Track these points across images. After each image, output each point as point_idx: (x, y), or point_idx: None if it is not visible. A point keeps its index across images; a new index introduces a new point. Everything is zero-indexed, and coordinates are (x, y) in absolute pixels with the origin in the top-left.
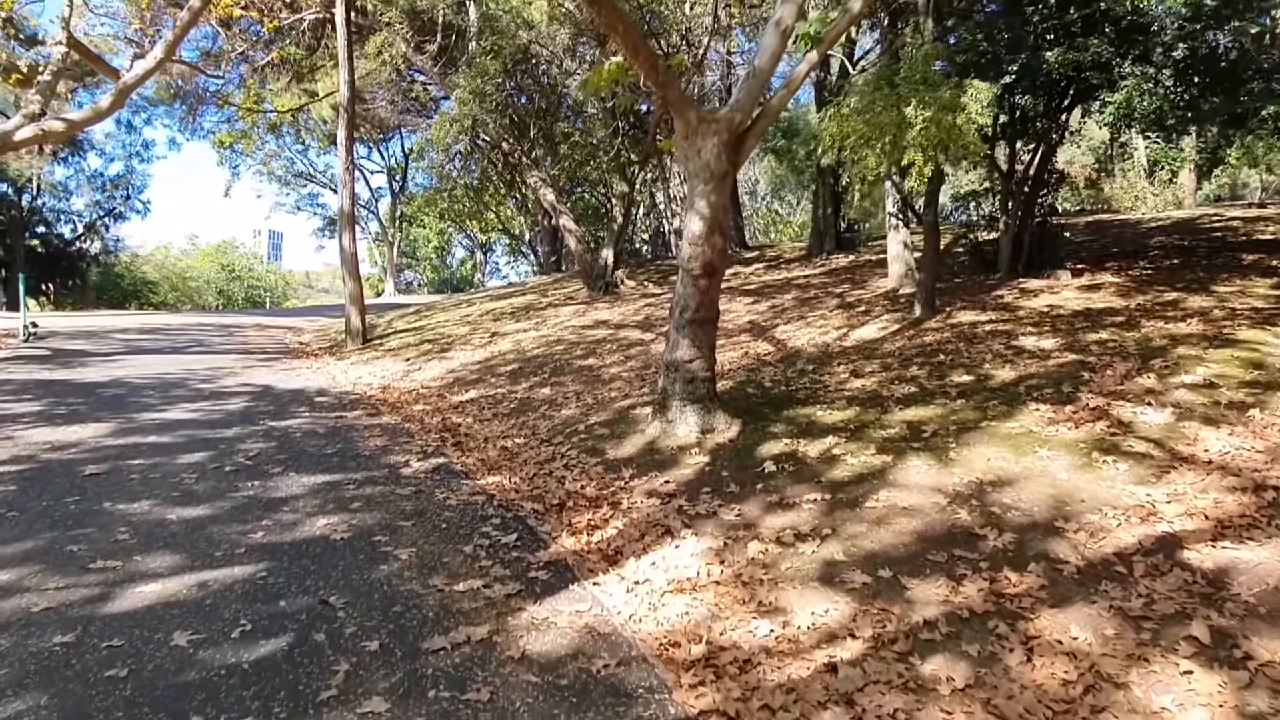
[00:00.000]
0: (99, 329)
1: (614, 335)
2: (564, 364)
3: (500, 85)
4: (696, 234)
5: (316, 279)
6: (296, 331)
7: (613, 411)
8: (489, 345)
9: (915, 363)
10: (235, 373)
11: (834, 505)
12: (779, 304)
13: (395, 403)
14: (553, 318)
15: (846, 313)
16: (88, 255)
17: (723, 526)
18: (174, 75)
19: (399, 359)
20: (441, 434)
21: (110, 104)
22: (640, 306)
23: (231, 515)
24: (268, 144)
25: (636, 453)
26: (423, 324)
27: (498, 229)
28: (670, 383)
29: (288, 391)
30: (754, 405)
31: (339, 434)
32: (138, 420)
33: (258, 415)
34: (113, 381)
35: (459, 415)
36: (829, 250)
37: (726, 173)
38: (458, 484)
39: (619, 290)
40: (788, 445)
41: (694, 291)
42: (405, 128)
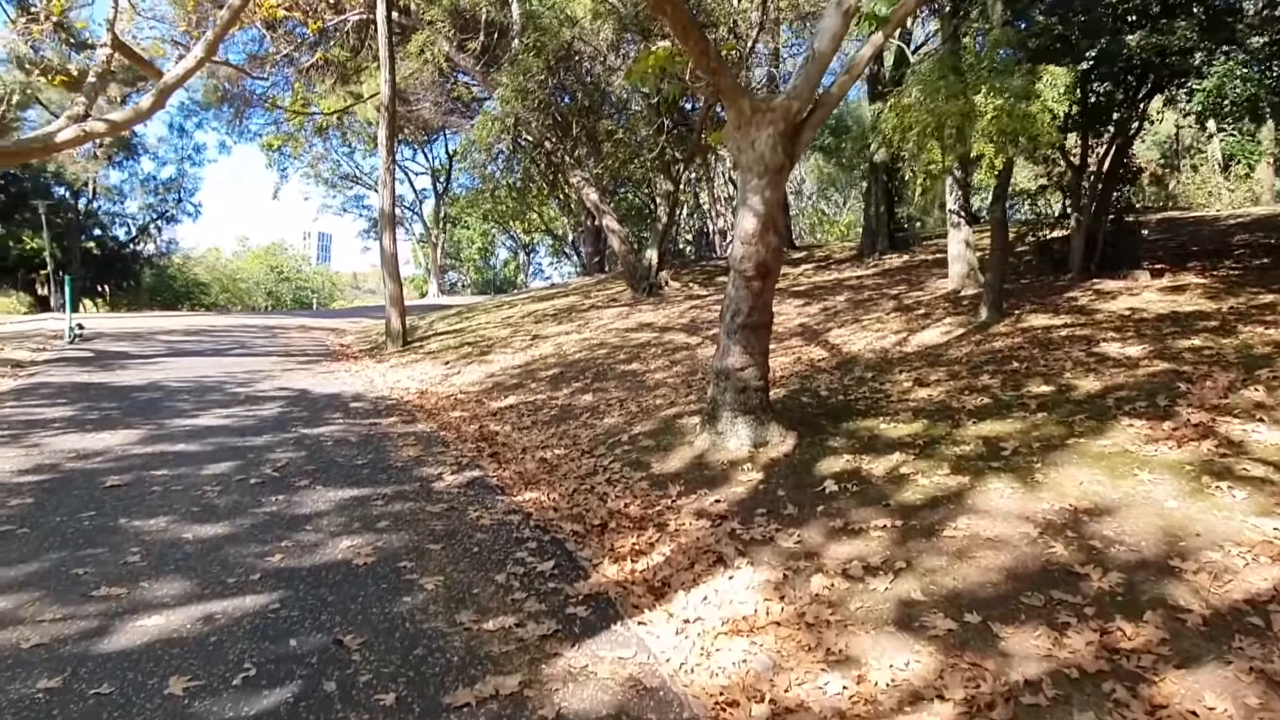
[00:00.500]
0: (145, 330)
1: (658, 339)
2: (607, 369)
3: (543, 82)
4: (749, 232)
5: (363, 280)
6: (339, 333)
7: (658, 420)
8: (530, 348)
9: (986, 371)
10: (273, 376)
11: (906, 533)
12: (831, 306)
13: (432, 409)
14: (595, 320)
15: (905, 316)
16: (141, 257)
17: (781, 555)
18: (221, 79)
19: (438, 362)
20: (478, 443)
21: (151, 104)
22: (685, 308)
23: (251, 534)
24: (315, 147)
25: (684, 467)
26: (464, 326)
27: (541, 230)
28: (720, 392)
29: (323, 396)
30: (810, 416)
31: (371, 443)
32: (168, 427)
33: (290, 422)
34: (149, 385)
35: (497, 423)
36: (882, 250)
37: (782, 166)
38: (492, 501)
39: (663, 292)
40: (849, 462)
41: (746, 294)
42: (449, 129)
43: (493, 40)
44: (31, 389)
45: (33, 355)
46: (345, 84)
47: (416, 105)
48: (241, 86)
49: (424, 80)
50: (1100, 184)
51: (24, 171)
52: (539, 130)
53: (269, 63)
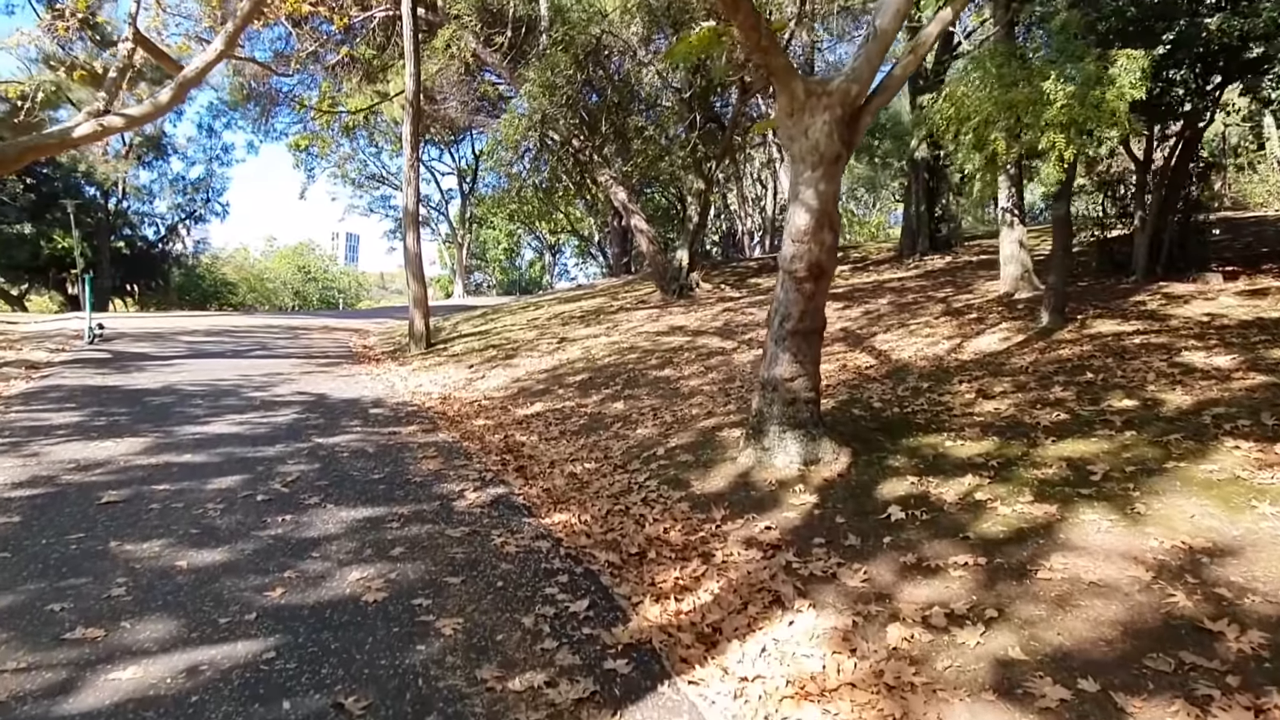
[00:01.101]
0: (167, 330)
1: (691, 343)
2: (638, 375)
3: (571, 78)
4: (802, 229)
5: (390, 280)
6: (362, 334)
7: (695, 433)
8: (557, 352)
9: (1057, 382)
10: (291, 379)
11: (993, 573)
12: (874, 310)
13: (455, 416)
14: (624, 322)
15: (955, 320)
16: (170, 257)
17: (848, 596)
18: (247, 76)
19: (462, 366)
20: (503, 455)
21: (170, 98)
22: (718, 311)
23: (251, 562)
24: (342, 147)
25: (727, 487)
26: (489, 327)
27: (567, 230)
28: (767, 404)
29: (341, 402)
30: (864, 431)
31: (390, 454)
32: (176, 435)
33: (306, 430)
34: (164, 389)
35: (523, 432)
36: (922, 251)
37: (839, 155)
38: (519, 523)
39: (694, 294)
40: (914, 484)
41: (797, 297)
42: (475, 128)
43: (520, 35)
44: (41, 392)
45: (50, 356)
46: (371, 82)
47: (442, 104)
48: (268, 85)
49: (450, 78)
50: (1167, 180)
51: (55, 171)
52: (566, 128)
53: (295, 61)
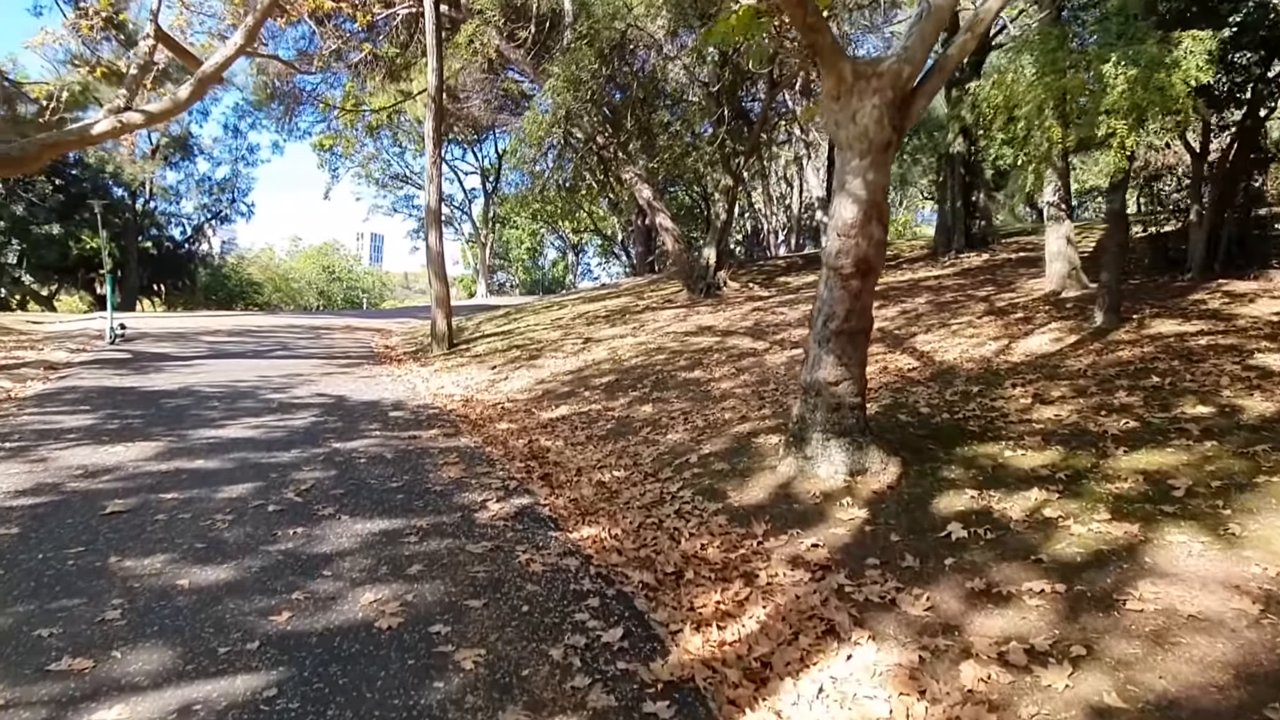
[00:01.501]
0: (190, 330)
1: (721, 343)
2: (666, 376)
3: (596, 73)
4: (848, 222)
5: (414, 280)
6: (384, 334)
7: (729, 438)
8: (582, 353)
9: (1120, 386)
10: (311, 380)
11: (1074, 602)
12: (911, 309)
13: (477, 419)
14: (651, 322)
15: (1000, 320)
16: (196, 256)
17: (910, 627)
18: (271, 75)
19: (485, 367)
20: (527, 462)
21: (190, 94)
22: (747, 311)
23: (257, 582)
24: (366, 146)
25: (768, 498)
26: (512, 328)
27: (590, 229)
28: (809, 409)
29: (361, 405)
30: (913, 439)
31: (409, 460)
32: (190, 439)
33: (323, 434)
34: (181, 390)
35: (548, 437)
36: (958, 248)
37: (889, 143)
38: (545, 537)
39: (721, 293)
40: (974, 499)
41: (842, 295)
42: (498, 127)
43: (543, 31)
44: (57, 394)
45: (70, 356)
46: (394, 81)
47: (465, 102)
48: (291, 84)
49: (473, 76)
50: (1224, 172)
51: (83, 172)
52: (590, 125)
53: (318, 59)
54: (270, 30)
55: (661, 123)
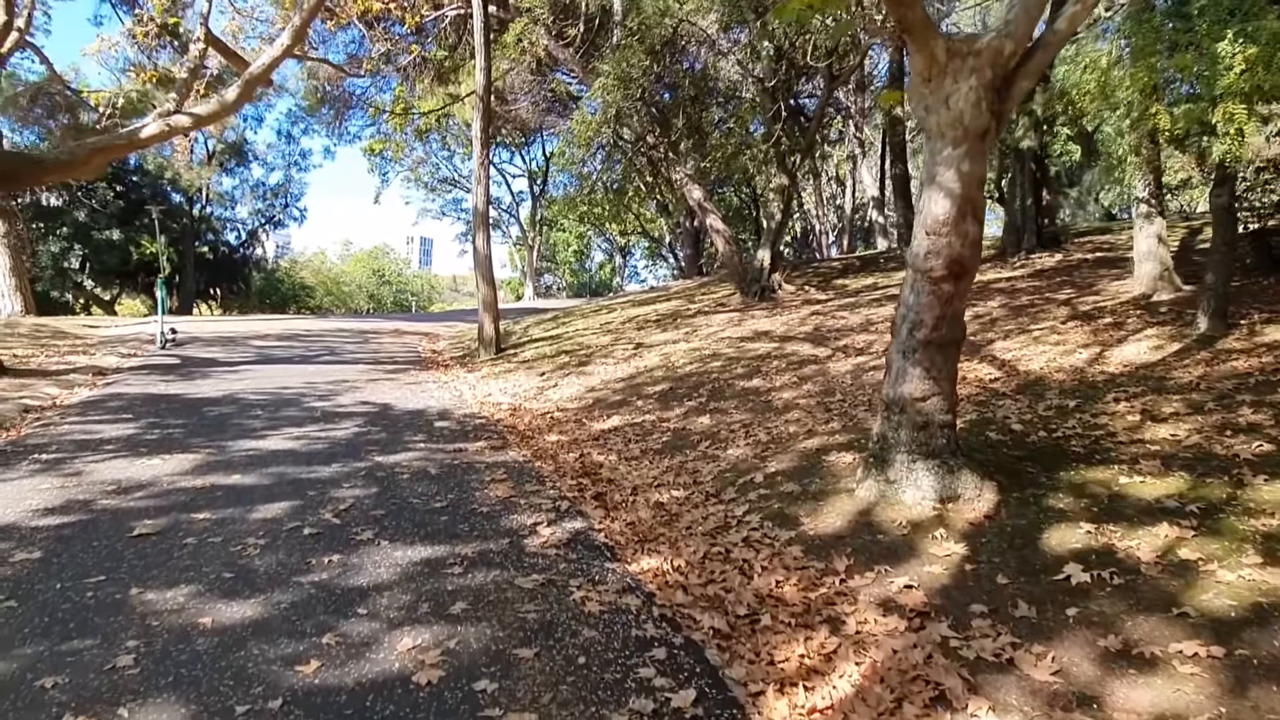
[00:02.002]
0: (240, 335)
1: (780, 350)
2: (724, 385)
3: (648, 69)
4: (940, 218)
5: (462, 283)
6: (431, 338)
7: (796, 455)
8: (633, 359)
9: (1243, 402)
10: (357, 387)
11: (1239, 671)
12: (985, 313)
13: (526, 431)
14: (704, 327)
15: (1087, 326)
16: (251, 261)
17: (1037, 695)
18: (321, 79)
19: (533, 373)
20: (579, 479)
21: (237, 96)
22: (805, 315)
23: (285, 621)
24: (415, 151)
25: (846, 527)
26: (560, 332)
27: (637, 232)
28: (892, 427)
29: (406, 414)
30: (1007, 460)
31: (454, 476)
32: (229, 451)
33: (365, 446)
34: (225, 398)
35: (600, 450)
36: (1029, 248)
37: (987, 129)
38: (601, 569)
39: (776, 296)
40: (1091, 534)
41: (932, 300)
42: (546, 129)
43: (592, 30)
44: (101, 401)
45: (120, 361)
46: (442, 84)
47: (513, 104)
48: (341, 88)
49: (520, 77)
50: None
51: (142, 179)
52: (640, 125)
53: (367, 63)
54: (320, 35)
55: (714, 121)
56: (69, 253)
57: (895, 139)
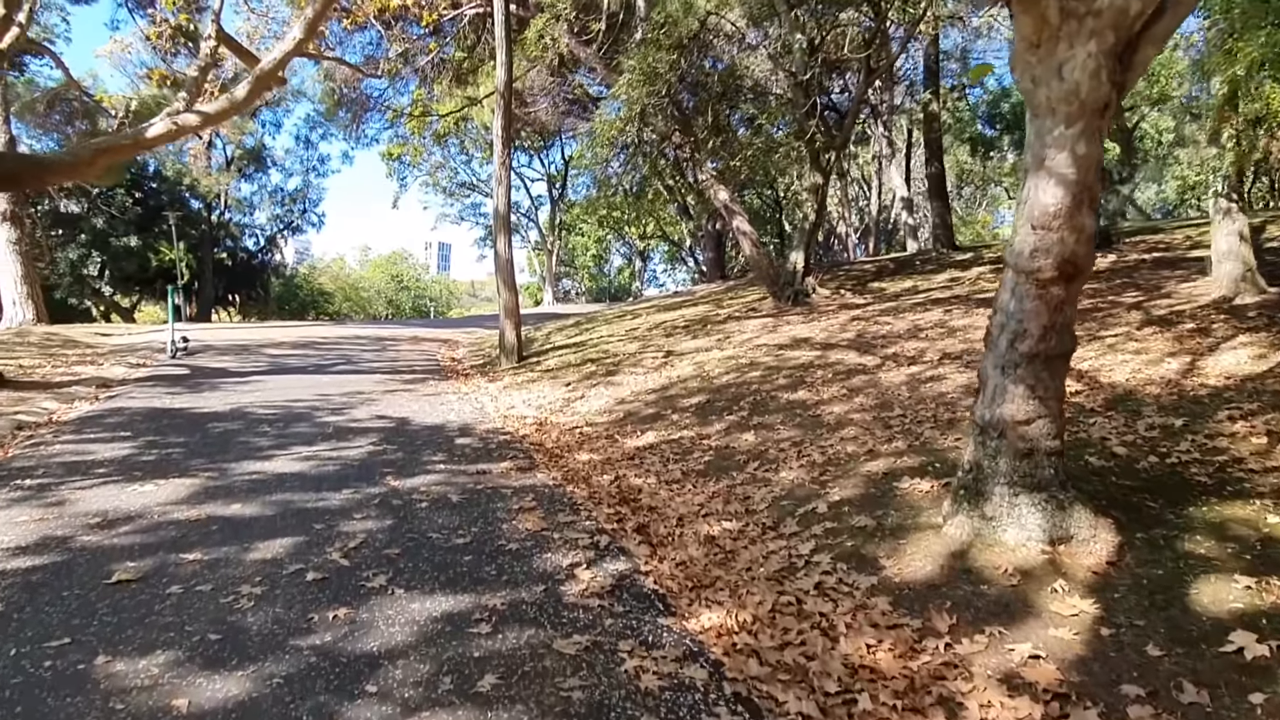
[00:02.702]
0: (254, 343)
1: (823, 358)
2: (765, 397)
3: (675, 64)
4: (1050, 210)
5: (480, 288)
6: (451, 345)
7: (861, 480)
8: (664, 368)
9: None
10: (373, 399)
11: None
12: None
13: (554, 449)
14: (737, 333)
15: (1166, 332)
16: (269, 267)
17: None
18: (338, 82)
19: (558, 383)
20: (617, 507)
21: (247, 93)
22: (844, 321)
23: (277, 703)
24: (433, 155)
25: (938, 573)
26: (584, 338)
27: (658, 235)
28: (989, 454)
29: (424, 429)
30: (1119, 491)
31: (478, 505)
32: (230, 475)
33: (380, 468)
34: (232, 412)
35: (637, 472)
36: None
37: (1107, 104)
38: (654, 626)
39: (811, 300)
40: (1252, 590)
41: (1038, 307)
42: (565, 131)
43: (615, 26)
44: (100, 417)
45: (127, 372)
46: (461, 85)
47: (533, 106)
48: (359, 90)
49: (540, 80)
50: None
51: (161, 185)
52: (664, 124)
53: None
54: (336, 36)
55: (744, 118)
56: (87, 260)
57: (931, 136)
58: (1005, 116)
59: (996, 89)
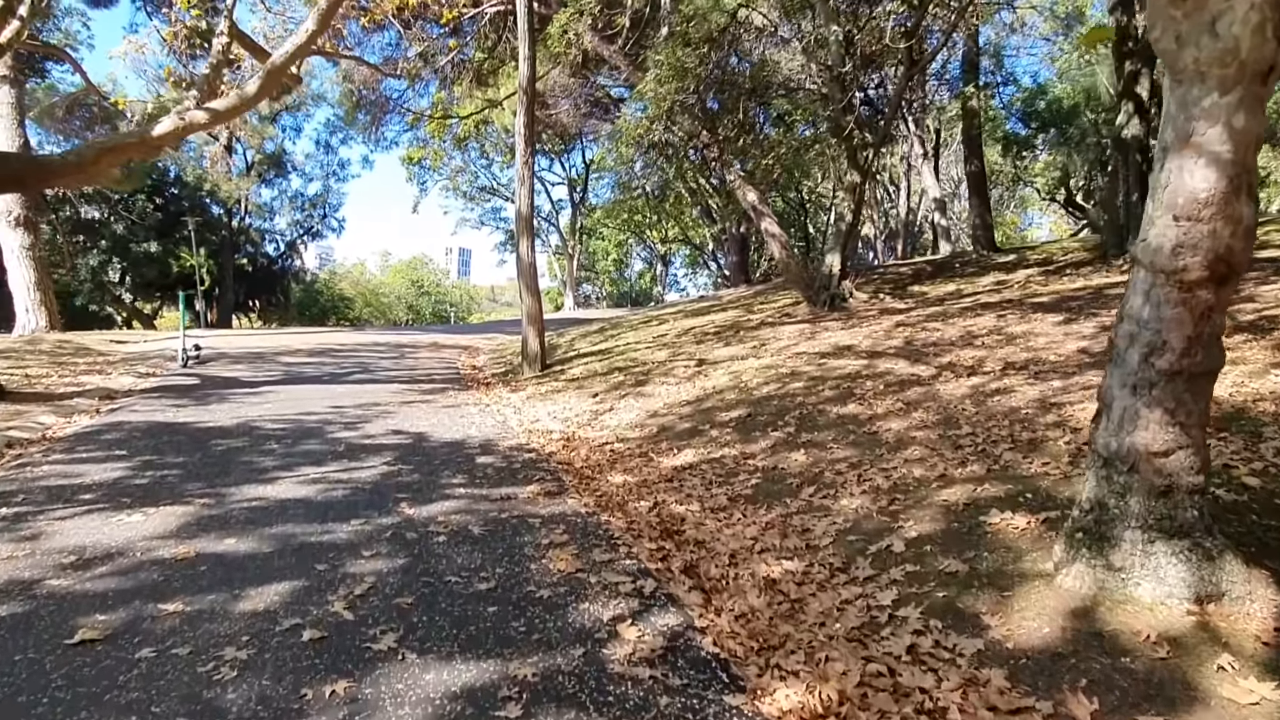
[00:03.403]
0: (269, 350)
1: (871, 368)
2: (812, 411)
3: (705, 57)
4: (1199, 196)
5: (500, 293)
6: (471, 352)
7: (938, 512)
8: (698, 378)
9: None
10: (389, 412)
11: None
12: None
13: (584, 468)
14: (772, 340)
15: (1261, 340)
16: (290, 272)
17: None
18: (356, 83)
19: (584, 393)
20: (660, 541)
21: (258, 89)
22: (888, 327)
23: None
24: (454, 159)
25: (1059, 637)
26: (610, 345)
27: (680, 239)
28: (1115, 492)
29: (443, 446)
30: (1263, 533)
31: (503, 538)
32: (228, 502)
33: (394, 493)
34: (239, 427)
35: (677, 496)
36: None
37: (1272, 66)
38: (721, 710)
39: (848, 305)
40: None
41: (1180, 315)
42: (586, 134)
43: (640, 20)
44: (97, 433)
45: (134, 382)
46: (481, 86)
47: (554, 108)
48: (378, 92)
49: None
50: None
51: (182, 190)
52: (691, 123)
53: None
54: (355, 37)
55: (776, 116)
56: (108, 265)
57: (972, 132)
58: (1041, 114)
59: (1031, 86)
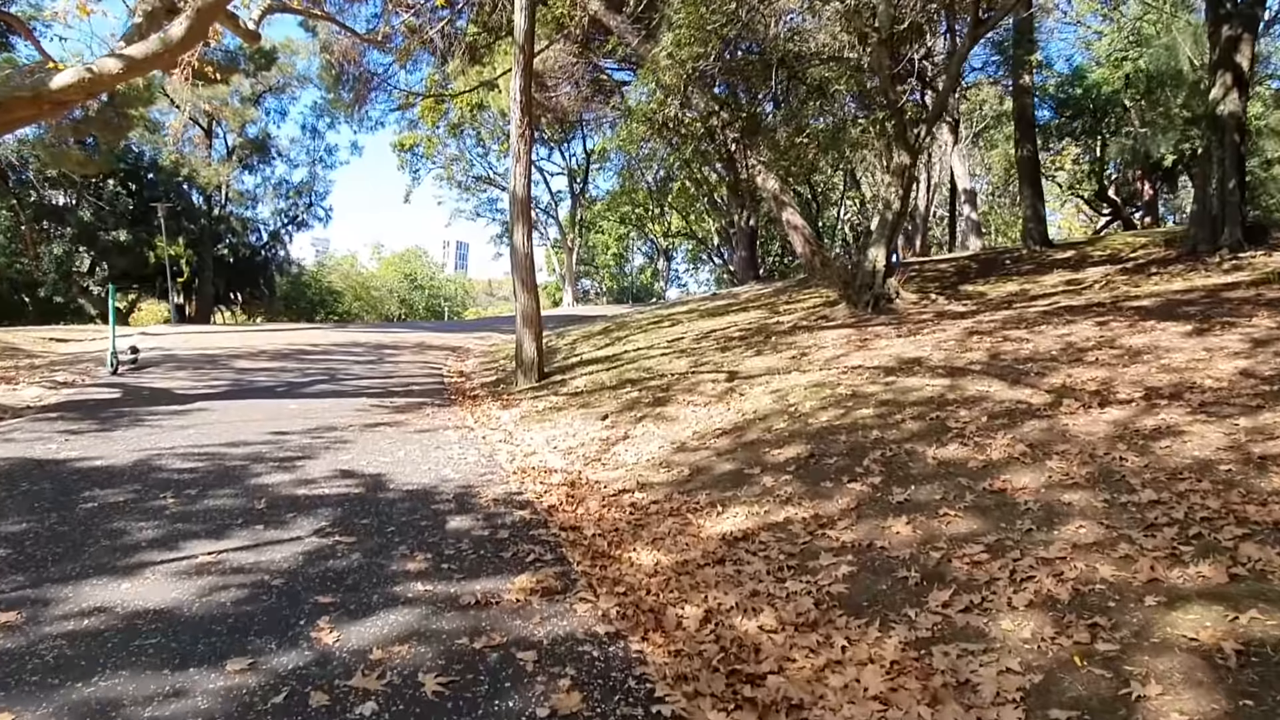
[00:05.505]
0: (228, 352)
1: (956, 390)
2: (899, 453)
3: (733, 15)
4: None
5: (498, 287)
6: (460, 355)
7: (1183, 656)
8: (731, 397)
9: None
10: (344, 441)
11: None
12: (1255, 335)
13: (598, 538)
14: (813, 349)
15: None
16: (273, 263)
17: None
18: (336, 55)
19: (591, 414)
20: (730, 697)
21: (186, 30)
22: (958, 335)
23: None
24: (448, 147)
25: None
26: (618, 350)
27: (683, 233)
28: None
29: (405, 498)
30: None
31: (474, 700)
32: (45, 618)
33: (313, 595)
34: (133, 467)
35: (738, 596)
36: (1231, 244)
37: None
38: None
39: (895, 306)
40: None
41: None
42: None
43: None
44: None
45: (40, 395)
46: (475, 62)
47: (553, 90)
48: (362, 66)
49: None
50: None
51: (157, 175)
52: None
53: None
54: (336, 4)
55: (814, 86)
56: (74, 255)
57: (1025, 112)
58: (1077, 100)
59: (1067, 71)
